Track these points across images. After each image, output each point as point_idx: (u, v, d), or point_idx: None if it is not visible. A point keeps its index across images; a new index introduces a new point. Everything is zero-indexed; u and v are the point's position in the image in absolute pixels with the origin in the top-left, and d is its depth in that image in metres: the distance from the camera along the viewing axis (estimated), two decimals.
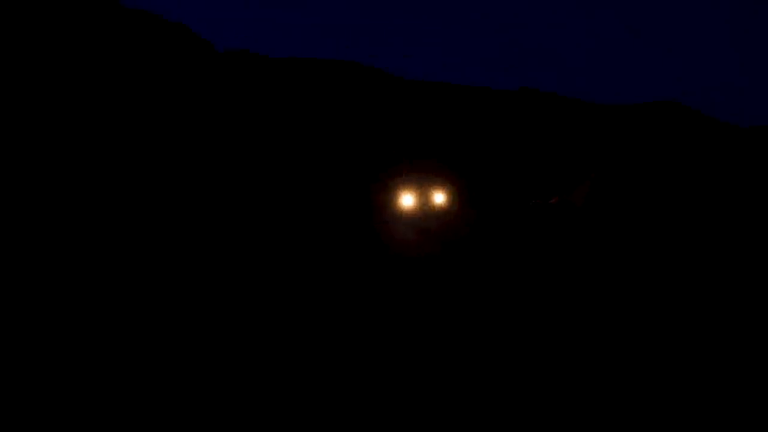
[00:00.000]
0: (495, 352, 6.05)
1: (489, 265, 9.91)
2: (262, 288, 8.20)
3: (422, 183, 11.76)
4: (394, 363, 5.63)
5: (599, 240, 11.83)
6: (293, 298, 7.85)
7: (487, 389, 5.11)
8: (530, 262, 9.88)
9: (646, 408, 4.85)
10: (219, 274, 9.14)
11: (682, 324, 7.22)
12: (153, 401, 4.70)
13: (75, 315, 6.98)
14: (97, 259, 9.55)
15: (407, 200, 11.63)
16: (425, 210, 11.78)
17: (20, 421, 4.37)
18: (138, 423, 4.38)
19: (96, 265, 9.24)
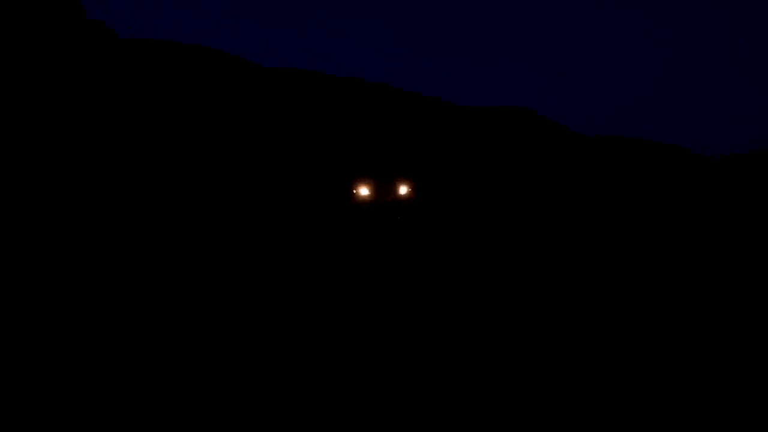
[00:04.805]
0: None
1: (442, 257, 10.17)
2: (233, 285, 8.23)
3: (379, 178, 12.40)
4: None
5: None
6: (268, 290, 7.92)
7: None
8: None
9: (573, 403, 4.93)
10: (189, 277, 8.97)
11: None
12: (153, 401, 4.81)
13: (75, 314, 6.74)
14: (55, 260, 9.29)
15: (364, 191, 12.07)
16: (381, 200, 12.36)
17: (20, 421, 4.41)
18: (138, 423, 4.45)
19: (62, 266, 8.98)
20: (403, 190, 10.70)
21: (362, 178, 10.94)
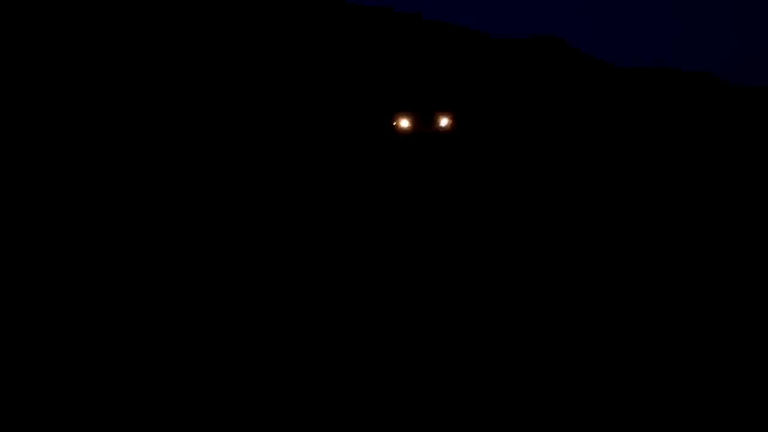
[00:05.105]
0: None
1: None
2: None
3: (419, 111, 12.05)
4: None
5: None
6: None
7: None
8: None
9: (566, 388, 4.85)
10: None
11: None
12: (153, 401, 4.76)
13: (75, 315, 6.66)
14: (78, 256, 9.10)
15: (405, 123, 11.78)
16: (423, 132, 12.08)
17: (20, 421, 4.37)
18: (138, 423, 4.43)
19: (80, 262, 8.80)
20: (443, 122, 10.44)
21: (402, 111, 10.67)
